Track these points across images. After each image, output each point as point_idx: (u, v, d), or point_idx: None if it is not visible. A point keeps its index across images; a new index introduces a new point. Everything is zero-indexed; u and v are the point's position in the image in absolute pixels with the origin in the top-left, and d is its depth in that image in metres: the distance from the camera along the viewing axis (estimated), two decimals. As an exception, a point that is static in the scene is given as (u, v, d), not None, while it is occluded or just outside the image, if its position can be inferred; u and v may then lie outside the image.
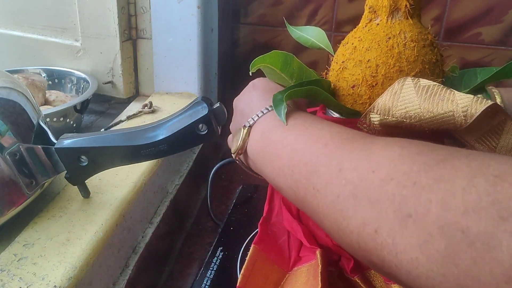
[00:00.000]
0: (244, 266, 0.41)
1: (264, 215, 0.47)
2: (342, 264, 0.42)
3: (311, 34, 0.48)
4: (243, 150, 0.39)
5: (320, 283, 0.36)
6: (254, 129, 0.39)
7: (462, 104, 0.32)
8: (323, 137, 0.32)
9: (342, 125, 0.37)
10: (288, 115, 0.36)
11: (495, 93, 0.45)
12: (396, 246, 0.23)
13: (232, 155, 0.41)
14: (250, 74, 0.39)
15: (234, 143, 0.40)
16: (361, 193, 0.26)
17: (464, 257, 0.20)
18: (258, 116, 0.39)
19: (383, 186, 0.25)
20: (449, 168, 0.22)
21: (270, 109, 0.38)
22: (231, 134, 0.46)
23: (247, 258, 0.42)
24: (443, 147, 0.25)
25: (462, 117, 0.32)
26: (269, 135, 0.36)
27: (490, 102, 0.32)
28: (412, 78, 0.35)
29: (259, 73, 0.42)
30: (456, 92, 0.33)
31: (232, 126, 0.45)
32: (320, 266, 0.37)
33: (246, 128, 0.39)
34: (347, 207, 0.26)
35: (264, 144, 0.37)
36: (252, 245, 0.43)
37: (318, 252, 0.39)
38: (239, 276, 0.40)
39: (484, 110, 0.32)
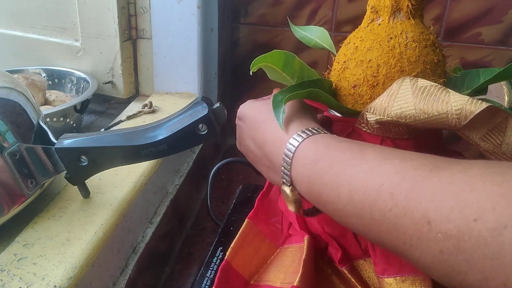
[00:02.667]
0: (235, 240, 0.42)
1: (263, 190, 0.48)
2: (330, 253, 0.42)
3: (315, 34, 0.48)
4: (302, 205, 0.35)
5: (301, 269, 0.36)
6: (297, 186, 0.34)
7: (456, 106, 0.32)
8: (382, 184, 0.27)
9: (343, 124, 0.37)
10: (319, 143, 0.33)
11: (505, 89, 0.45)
12: None
13: (297, 213, 0.37)
14: (251, 73, 0.39)
15: (288, 204, 0.35)
16: (470, 247, 0.23)
17: None
18: (287, 171, 0.34)
19: (496, 236, 0.21)
20: None
21: (292, 150, 0.33)
22: (237, 141, 0.44)
23: (239, 232, 0.43)
24: None
25: (456, 119, 0.32)
26: (319, 193, 0.31)
27: (484, 105, 0.32)
28: (411, 78, 0.35)
29: (260, 73, 0.42)
30: (452, 93, 0.33)
31: (258, 169, 0.41)
32: (305, 253, 0.38)
33: (289, 188, 0.34)
34: (457, 262, 0.23)
35: (320, 204, 0.32)
36: (246, 220, 0.44)
37: (305, 238, 0.39)
38: (229, 250, 0.41)
39: (483, 110, 0.32)
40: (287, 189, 0.34)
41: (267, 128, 0.37)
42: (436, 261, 0.24)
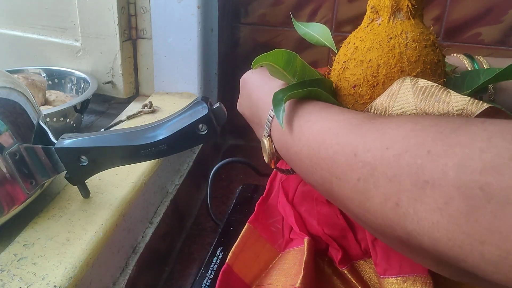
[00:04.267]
0: (235, 244, 0.42)
1: (263, 195, 0.48)
2: (330, 254, 0.42)
3: (317, 31, 0.48)
4: (275, 158, 0.40)
5: (302, 271, 0.36)
6: (273, 137, 0.39)
7: (457, 107, 0.32)
8: (332, 127, 0.32)
9: None
10: (294, 112, 0.36)
11: (483, 62, 0.46)
12: (417, 214, 0.23)
13: (268, 164, 0.41)
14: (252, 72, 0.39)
15: (264, 154, 0.41)
16: (379, 171, 0.26)
17: (485, 213, 0.20)
18: (269, 123, 0.39)
19: (398, 160, 0.25)
20: (464, 134, 0.23)
21: (272, 115, 0.39)
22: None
23: (239, 236, 0.43)
24: (457, 118, 0.25)
25: None
26: (286, 141, 0.37)
27: (485, 105, 0.32)
28: (411, 78, 0.35)
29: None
30: (453, 93, 0.33)
31: (252, 127, 0.47)
32: (305, 254, 0.38)
33: (267, 138, 0.39)
34: (368, 188, 0.27)
35: (285, 150, 0.37)
36: (247, 224, 0.44)
37: (305, 240, 0.39)
38: (229, 254, 0.41)
39: (482, 111, 0.32)
40: (265, 140, 0.39)
41: (261, 91, 0.43)
42: (354, 190, 0.28)
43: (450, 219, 0.22)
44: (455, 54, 0.50)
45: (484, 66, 0.48)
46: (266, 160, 0.40)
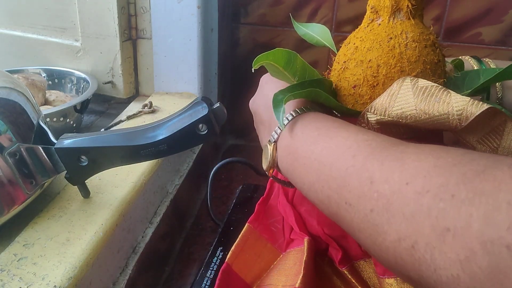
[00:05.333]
0: (235, 243, 0.42)
1: (264, 195, 0.48)
2: (330, 254, 0.42)
3: (317, 32, 0.48)
4: (274, 166, 0.38)
5: (302, 271, 0.36)
6: (280, 144, 0.38)
7: (457, 107, 0.32)
8: (350, 147, 0.30)
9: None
10: (310, 122, 0.35)
11: (490, 64, 0.45)
12: (434, 262, 0.22)
13: (265, 172, 0.40)
14: (253, 71, 0.39)
15: (264, 160, 0.39)
16: (395, 207, 0.25)
17: (511, 275, 0.19)
18: (280, 130, 0.38)
19: (418, 199, 0.23)
20: (491, 180, 0.21)
21: (290, 118, 0.37)
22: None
23: (239, 236, 0.43)
24: (482, 156, 0.24)
25: (457, 120, 0.32)
26: (296, 150, 0.35)
27: (485, 106, 0.32)
28: (411, 78, 0.35)
29: (260, 72, 0.42)
30: (453, 94, 0.33)
31: (257, 130, 0.45)
32: (305, 254, 0.38)
33: (272, 144, 0.38)
34: (381, 222, 0.25)
35: (292, 160, 0.35)
36: (247, 224, 0.44)
37: (305, 240, 0.39)
38: (229, 253, 0.41)
39: (482, 111, 0.32)
40: (269, 146, 0.38)
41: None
42: (365, 221, 0.27)
43: (472, 276, 0.20)
44: (462, 56, 0.49)
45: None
46: (264, 167, 0.39)
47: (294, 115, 0.37)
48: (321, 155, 0.32)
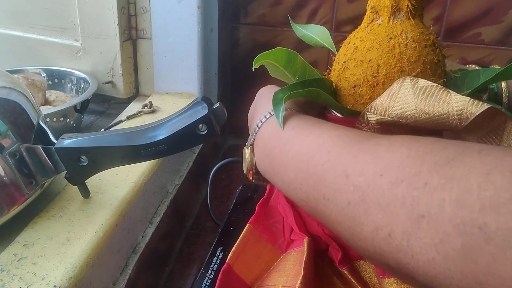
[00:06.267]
0: (236, 244, 0.42)
1: (264, 196, 0.48)
2: (330, 254, 0.42)
3: (315, 33, 0.48)
4: (253, 169, 0.39)
5: (302, 272, 0.36)
6: (256, 145, 0.38)
7: (457, 107, 0.32)
8: (324, 143, 0.31)
9: (343, 124, 0.38)
10: (286, 123, 0.36)
11: (503, 88, 0.45)
12: (411, 248, 0.23)
13: (246, 175, 0.40)
14: (253, 70, 0.39)
15: (243, 163, 0.40)
16: (371, 198, 0.25)
17: (483, 254, 0.19)
18: (255, 132, 0.38)
19: (393, 189, 0.24)
20: (461, 166, 0.22)
21: (263, 120, 0.38)
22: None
23: (240, 237, 0.43)
24: (453, 144, 0.24)
25: (457, 120, 0.32)
26: (272, 150, 0.36)
27: (485, 106, 0.32)
28: (411, 78, 0.35)
29: (260, 72, 0.42)
30: (453, 93, 0.33)
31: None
32: (305, 255, 0.38)
33: (249, 148, 0.39)
34: (358, 213, 0.26)
35: (270, 160, 0.36)
36: (247, 225, 0.44)
37: (305, 240, 0.39)
38: (230, 254, 0.41)
39: (482, 111, 0.32)
40: (247, 150, 0.39)
41: (261, 100, 0.43)
42: (342, 214, 0.27)
43: (447, 257, 0.21)
44: (470, 65, 0.49)
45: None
46: (244, 170, 0.40)
47: (267, 117, 0.38)
48: (297, 153, 0.33)
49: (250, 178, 0.40)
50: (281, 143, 0.35)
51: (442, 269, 0.21)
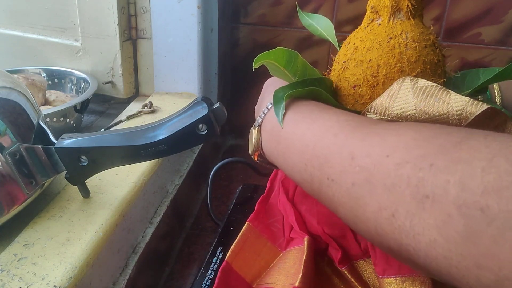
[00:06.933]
0: (235, 242, 0.42)
1: (264, 194, 0.48)
2: (330, 253, 0.42)
3: (321, 25, 0.48)
4: (259, 150, 0.40)
5: (302, 271, 0.36)
6: (264, 128, 0.39)
7: (456, 107, 0.32)
8: (331, 127, 0.32)
9: None
10: (293, 108, 0.36)
11: (495, 92, 0.45)
12: (413, 228, 0.23)
13: (251, 156, 0.41)
14: (253, 70, 0.39)
15: (249, 144, 0.41)
16: (376, 178, 0.25)
17: (484, 236, 0.19)
18: (264, 113, 0.39)
19: (399, 169, 0.24)
20: (467, 149, 0.22)
21: (265, 110, 0.39)
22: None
23: (239, 235, 0.43)
24: (459, 129, 0.25)
25: (457, 120, 0.32)
26: (279, 132, 0.36)
27: (485, 106, 0.32)
28: (411, 78, 0.35)
29: (260, 72, 0.42)
30: (452, 94, 0.33)
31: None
32: (305, 254, 0.38)
33: (256, 128, 0.39)
34: (363, 194, 0.26)
35: (276, 142, 0.37)
36: (246, 223, 0.44)
37: (305, 239, 0.39)
38: (229, 252, 0.41)
39: (482, 111, 0.32)
40: (254, 130, 0.40)
41: (267, 90, 0.43)
42: (347, 195, 0.28)
43: (448, 239, 0.21)
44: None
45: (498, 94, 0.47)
46: (250, 151, 0.41)
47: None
48: (303, 136, 0.33)
49: (255, 159, 0.41)
50: (289, 126, 0.35)
51: (443, 250, 0.21)
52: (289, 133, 0.35)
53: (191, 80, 0.79)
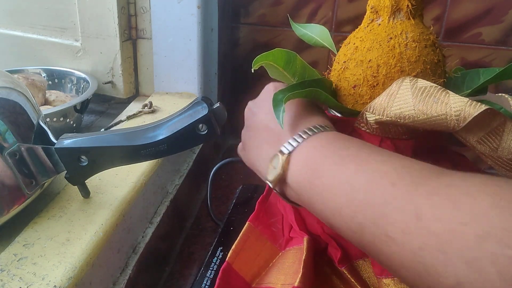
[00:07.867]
0: (236, 242, 0.42)
1: (264, 193, 0.48)
2: (329, 253, 0.42)
3: (315, 32, 0.48)
4: (283, 179, 0.35)
5: (301, 270, 0.36)
6: (295, 156, 0.34)
7: (455, 108, 0.32)
8: (387, 173, 0.28)
9: (343, 123, 0.37)
10: (336, 141, 0.33)
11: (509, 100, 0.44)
12: None
13: (269, 184, 0.36)
14: (252, 71, 0.39)
15: (270, 170, 0.35)
16: (451, 249, 0.23)
17: None
18: (298, 142, 0.34)
19: (481, 243, 0.21)
20: None
21: (310, 133, 0.34)
22: (240, 143, 0.44)
23: (240, 235, 0.43)
24: None
25: (455, 121, 0.32)
26: (317, 167, 0.32)
27: (484, 107, 0.32)
28: (411, 78, 0.35)
29: (260, 72, 0.42)
30: (451, 94, 0.33)
31: (248, 136, 0.42)
32: (305, 253, 0.38)
33: (285, 156, 0.34)
34: (432, 262, 0.23)
35: (311, 177, 0.32)
36: (247, 222, 0.44)
37: (305, 239, 0.39)
38: (230, 252, 0.41)
39: (481, 112, 0.32)
40: (281, 157, 0.34)
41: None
42: (411, 258, 0.25)
43: None
44: (500, 94, 0.47)
45: None
46: (270, 178, 0.35)
47: (316, 131, 0.34)
48: (353, 178, 0.29)
49: (275, 189, 0.36)
50: (333, 162, 0.31)
51: None
52: (332, 170, 0.31)
53: (191, 80, 0.79)
